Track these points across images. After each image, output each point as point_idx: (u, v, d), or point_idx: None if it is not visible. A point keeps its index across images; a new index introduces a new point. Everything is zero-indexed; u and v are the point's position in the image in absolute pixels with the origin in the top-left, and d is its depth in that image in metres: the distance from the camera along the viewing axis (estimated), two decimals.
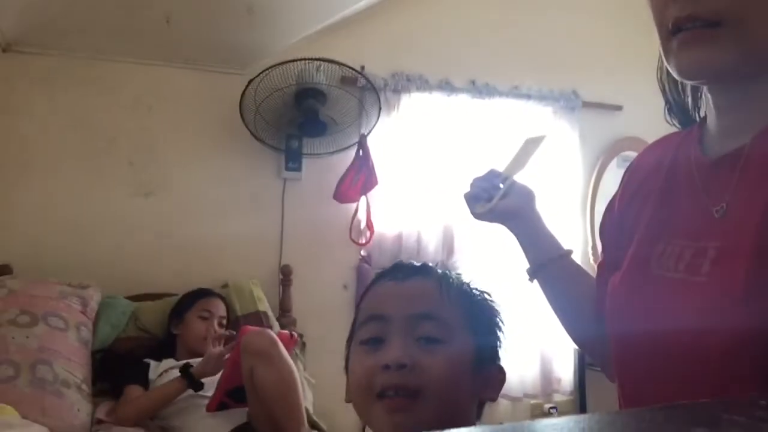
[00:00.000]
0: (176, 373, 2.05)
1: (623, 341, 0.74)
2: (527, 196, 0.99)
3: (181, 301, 2.38)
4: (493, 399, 0.78)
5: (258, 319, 2.45)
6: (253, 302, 2.53)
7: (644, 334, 0.69)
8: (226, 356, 2.02)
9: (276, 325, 2.52)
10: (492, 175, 1.02)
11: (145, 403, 2.00)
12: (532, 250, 0.97)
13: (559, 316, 0.95)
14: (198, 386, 2.00)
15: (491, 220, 0.99)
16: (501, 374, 0.79)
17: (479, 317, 0.78)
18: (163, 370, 2.14)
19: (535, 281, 0.97)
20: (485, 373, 0.76)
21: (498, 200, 0.98)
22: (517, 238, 0.99)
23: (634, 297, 0.72)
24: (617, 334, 0.75)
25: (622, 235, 0.79)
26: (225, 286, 2.59)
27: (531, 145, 1.09)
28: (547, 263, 0.95)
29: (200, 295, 2.37)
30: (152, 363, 2.18)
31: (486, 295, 0.83)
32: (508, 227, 0.99)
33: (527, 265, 0.98)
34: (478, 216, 1.00)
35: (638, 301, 0.71)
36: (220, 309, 2.35)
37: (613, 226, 0.84)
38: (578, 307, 0.91)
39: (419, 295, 0.75)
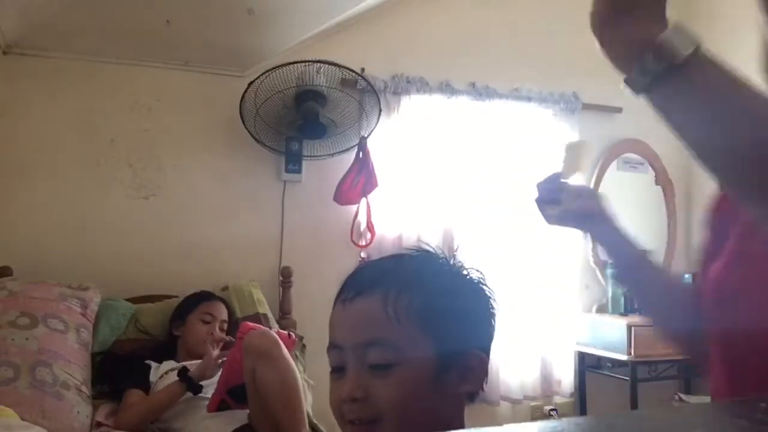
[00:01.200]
0: (176, 375, 2.05)
1: (732, 323, 0.71)
2: (595, 197, 0.97)
3: (183, 303, 2.38)
4: (475, 390, 0.76)
5: (258, 321, 2.45)
6: (252, 304, 2.53)
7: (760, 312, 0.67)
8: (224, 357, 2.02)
9: (276, 327, 2.52)
10: (555, 177, 1.00)
11: (144, 409, 2.00)
12: (617, 251, 0.94)
13: (652, 315, 0.93)
14: (197, 389, 2.00)
15: (565, 223, 0.97)
16: (479, 362, 0.75)
17: (441, 313, 0.74)
18: (164, 372, 2.14)
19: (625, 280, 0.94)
20: (457, 369, 0.74)
21: (569, 202, 0.96)
22: (598, 240, 0.96)
23: (743, 276, 0.70)
24: (724, 319, 0.73)
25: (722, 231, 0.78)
26: (225, 288, 2.59)
27: (574, 148, 1.08)
28: (637, 262, 0.92)
29: (203, 298, 2.37)
30: (153, 365, 2.18)
31: (459, 276, 0.79)
32: (585, 229, 0.97)
33: (615, 268, 0.95)
34: (550, 219, 0.97)
35: (752, 279, 0.69)
36: (222, 313, 2.36)
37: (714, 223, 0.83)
38: (673, 301, 0.89)
39: (364, 320, 0.74)
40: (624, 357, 2.89)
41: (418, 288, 0.74)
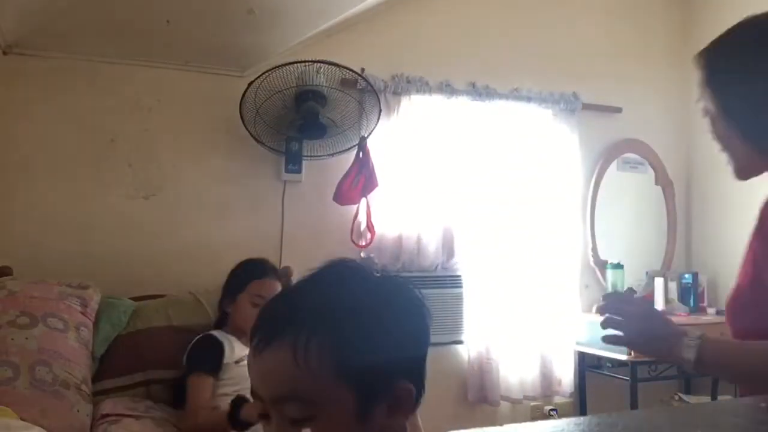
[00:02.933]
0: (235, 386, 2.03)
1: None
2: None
3: (234, 277, 2.30)
4: (407, 418, 0.72)
5: None
6: None
7: None
8: None
9: None
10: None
11: (203, 426, 1.97)
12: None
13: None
14: (243, 427, 1.86)
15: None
16: (407, 392, 0.71)
17: (359, 354, 0.68)
18: (239, 358, 2.11)
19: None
20: (385, 403, 0.70)
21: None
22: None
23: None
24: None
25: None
26: None
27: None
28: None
29: (255, 274, 2.27)
30: (227, 346, 2.12)
31: (383, 296, 0.74)
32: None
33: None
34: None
35: None
36: (274, 292, 2.30)
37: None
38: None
39: (275, 373, 0.69)
40: (624, 357, 2.89)
41: (332, 328, 0.68)
